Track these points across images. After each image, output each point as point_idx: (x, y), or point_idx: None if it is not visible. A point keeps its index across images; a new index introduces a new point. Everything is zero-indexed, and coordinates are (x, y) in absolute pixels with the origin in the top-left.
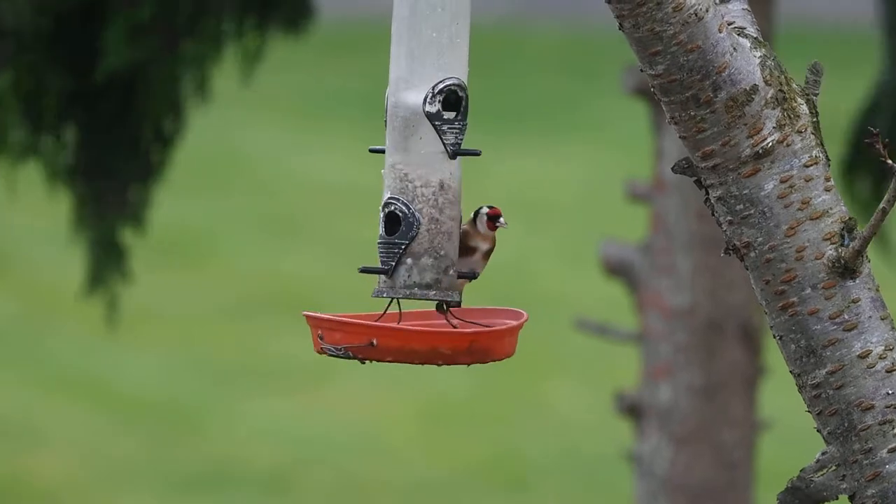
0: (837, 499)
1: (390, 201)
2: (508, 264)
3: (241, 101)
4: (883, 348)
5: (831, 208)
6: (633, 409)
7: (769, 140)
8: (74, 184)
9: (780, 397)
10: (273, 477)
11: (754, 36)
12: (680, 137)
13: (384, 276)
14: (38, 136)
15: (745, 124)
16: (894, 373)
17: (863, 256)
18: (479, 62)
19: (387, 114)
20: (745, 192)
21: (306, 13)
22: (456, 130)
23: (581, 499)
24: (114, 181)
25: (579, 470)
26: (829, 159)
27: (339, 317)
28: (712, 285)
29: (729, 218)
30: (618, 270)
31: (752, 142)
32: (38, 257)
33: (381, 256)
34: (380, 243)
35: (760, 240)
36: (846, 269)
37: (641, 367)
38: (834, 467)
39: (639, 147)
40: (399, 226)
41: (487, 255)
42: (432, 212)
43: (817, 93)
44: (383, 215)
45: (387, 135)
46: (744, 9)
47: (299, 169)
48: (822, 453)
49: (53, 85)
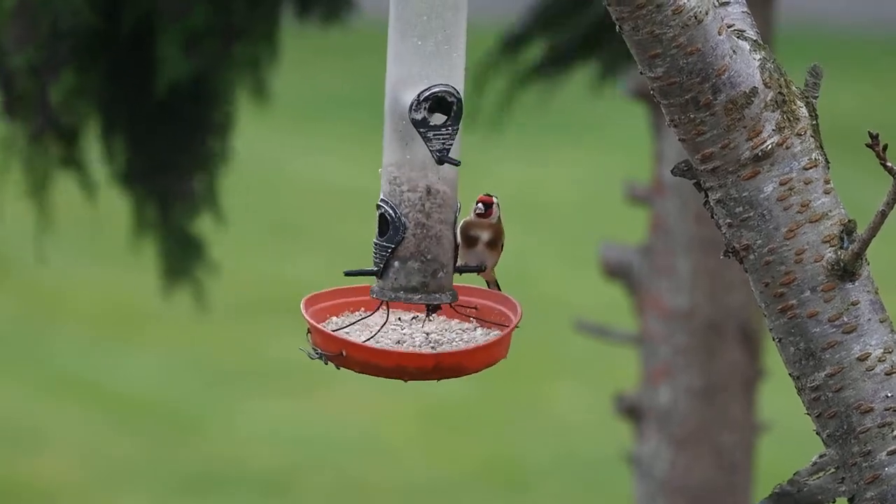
0: (835, 502)
1: (380, 204)
2: (507, 266)
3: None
4: (882, 351)
5: (831, 211)
6: (632, 411)
7: (769, 143)
8: (130, 187)
9: (780, 399)
10: (273, 478)
11: (754, 38)
12: (679, 140)
13: (378, 277)
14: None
15: (745, 127)
16: (893, 375)
17: (862, 259)
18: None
19: (385, 112)
20: (744, 194)
21: (346, 5)
22: (444, 137)
23: (581, 501)
24: (173, 176)
25: (579, 472)
26: (828, 162)
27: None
28: (712, 287)
29: (728, 220)
30: (617, 272)
31: (752, 144)
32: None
33: (374, 257)
34: (374, 243)
35: (760, 242)
36: (845, 272)
37: (641, 369)
38: (832, 470)
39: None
40: (388, 229)
41: (492, 244)
42: (419, 216)
43: (817, 95)
44: (377, 216)
45: (383, 134)
46: (743, 11)
47: (300, 171)
48: (820, 456)
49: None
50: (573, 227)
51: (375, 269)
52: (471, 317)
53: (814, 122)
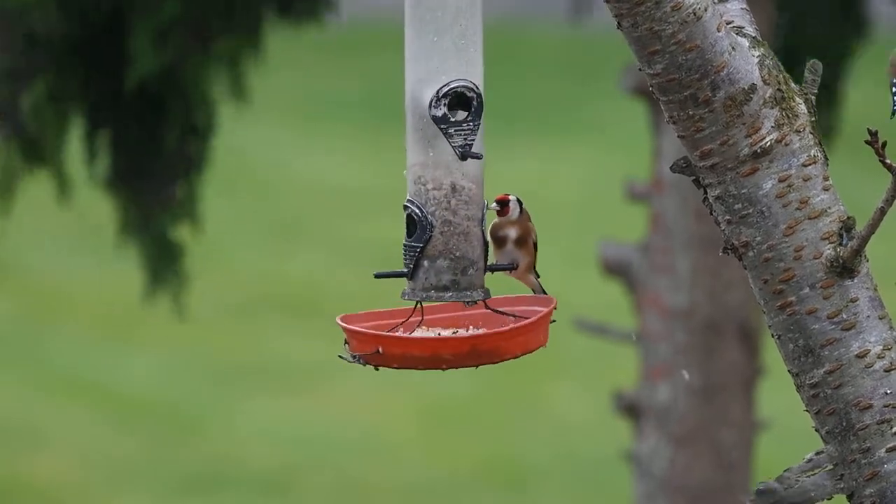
0: (831, 498)
1: (407, 204)
2: None
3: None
4: (881, 348)
5: (829, 207)
6: (631, 409)
7: (767, 139)
8: (114, 189)
9: (779, 397)
10: (273, 478)
11: (753, 35)
12: (678, 137)
13: (408, 278)
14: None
15: (744, 123)
16: (892, 372)
17: (861, 256)
18: None
19: (406, 112)
20: (743, 191)
21: (326, 4)
22: (466, 132)
23: (580, 499)
24: (155, 181)
25: (578, 471)
26: (827, 158)
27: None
28: (711, 285)
29: (727, 217)
30: (616, 271)
31: (751, 141)
32: (37, 259)
33: (404, 258)
34: (403, 245)
35: (759, 239)
36: (844, 269)
37: (640, 367)
38: (829, 467)
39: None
40: (415, 228)
41: (522, 242)
42: (445, 214)
43: (815, 92)
44: (404, 217)
45: (406, 135)
46: (742, 8)
47: (301, 170)
48: (816, 453)
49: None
50: (572, 225)
51: (405, 270)
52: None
53: (812, 118)
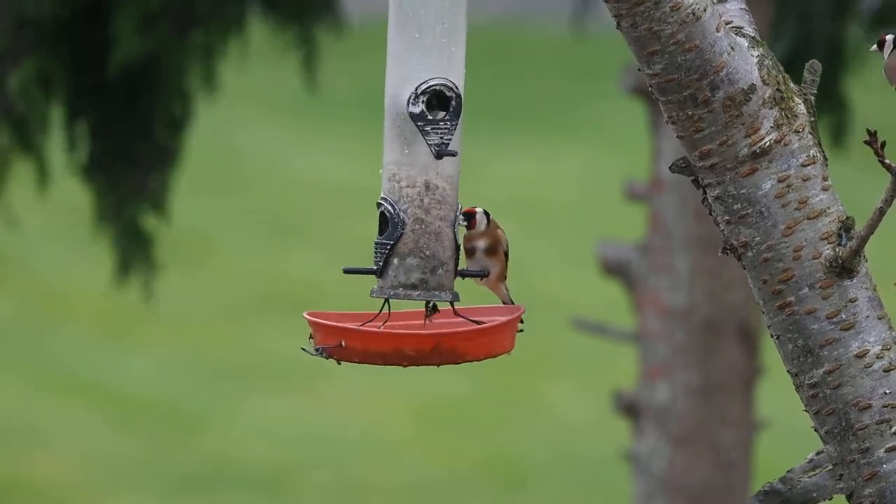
0: (831, 498)
1: (380, 202)
2: None
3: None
4: (880, 348)
5: (829, 208)
6: (630, 409)
7: (767, 139)
8: (92, 177)
9: (778, 397)
10: (272, 477)
11: (752, 35)
12: (678, 137)
13: (377, 276)
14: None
15: (743, 124)
16: (892, 372)
17: (860, 256)
18: (476, 60)
19: (385, 110)
20: (742, 191)
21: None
22: (443, 131)
23: (580, 499)
24: (131, 171)
25: (578, 470)
26: (826, 159)
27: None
28: (710, 285)
29: (726, 217)
30: (615, 270)
31: (750, 141)
32: (36, 258)
33: (374, 256)
34: (374, 243)
35: (758, 239)
36: (843, 269)
37: (639, 366)
38: (829, 467)
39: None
40: (387, 226)
41: (492, 251)
42: (417, 212)
43: (815, 92)
44: (378, 215)
45: (384, 132)
46: (741, 8)
47: (299, 169)
48: (817, 453)
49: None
50: (571, 225)
51: (375, 267)
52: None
53: (812, 119)
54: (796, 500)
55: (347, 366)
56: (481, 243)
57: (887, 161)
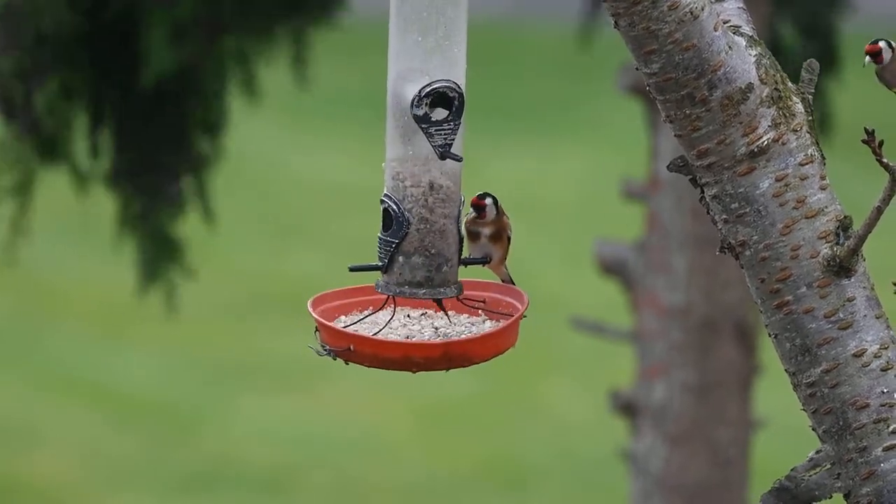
0: (831, 497)
1: (384, 199)
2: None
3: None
4: (878, 347)
5: (826, 207)
6: (627, 408)
7: (764, 138)
8: (117, 185)
9: (775, 396)
10: (271, 477)
11: (750, 34)
12: (675, 136)
13: (382, 272)
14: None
15: (741, 123)
16: (889, 371)
17: (858, 255)
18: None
19: (387, 108)
20: (740, 190)
21: (338, 4)
22: (446, 132)
23: (579, 498)
24: (161, 177)
25: (577, 470)
26: (824, 158)
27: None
28: (707, 284)
29: (724, 216)
30: (613, 269)
31: (748, 140)
32: (35, 256)
33: (378, 252)
34: (378, 238)
35: (755, 238)
36: (841, 268)
37: (636, 365)
38: (828, 466)
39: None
40: (392, 224)
41: (496, 237)
42: (422, 211)
43: (812, 91)
44: (381, 211)
45: (386, 129)
46: (739, 7)
47: (299, 168)
48: (816, 452)
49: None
50: (569, 224)
51: (380, 264)
52: (479, 310)
53: (809, 117)
54: (803, 498)
55: (346, 366)
56: (487, 230)
57: (885, 160)
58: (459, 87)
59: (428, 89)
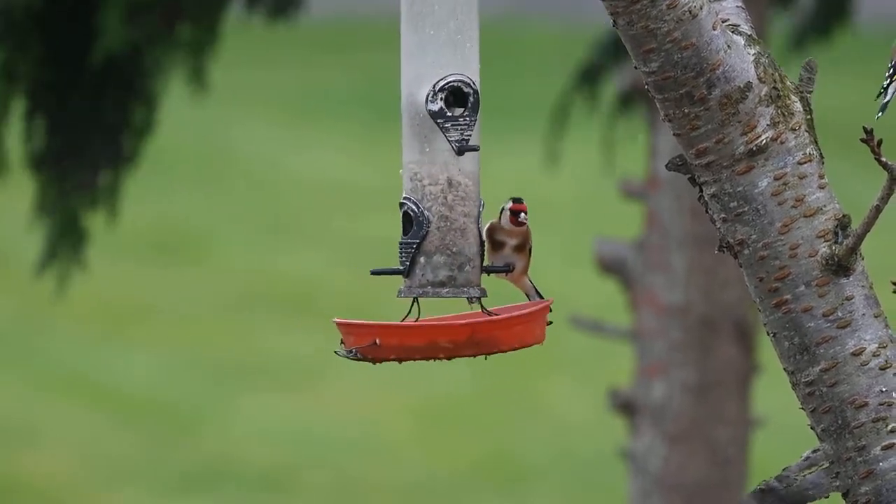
0: (827, 496)
1: (403, 201)
2: None
3: (237, 98)
4: (877, 346)
5: (825, 206)
6: (626, 407)
7: (763, 137)
8: (42, 168)
9: (774, 395)
10: (270, 475)
11: (748, 33)
12: (674, 135)
13: (404, 276)
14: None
15: (740, 122)
16: (888, 370)
17: (857, 254)
18: None
19: (402, 111)
20: (738, 189)
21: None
22: (462, 127)
23: (576, 497)
24: (83, 167)
25: (576, 468)
26: (822, 157)
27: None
28: (706, 283)
29: (723, 215)
30: (612, 268)
31: (747, 139)
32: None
33: (400, 256)
34: (399, 244)
35: (754, 237)
36: (840, 267)
37: (635, 364)
38: (825, 465)
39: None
40: (412, 225)
41: (520, 248)
42: (442, 209)
43: (811, 90)
44: (401, 215)
45: (402, 132)
46: (738, 6)
47: (295, 166)
48: (813, 451)
49: (33, 67)
50: (568, 223)
51: (402, 267)
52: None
53: (808, 116)
54: (793, 498)
55: (345, 365)
56: (512, 240)
57: (884, 159)
58: (474, 83)
59: (442, 83)
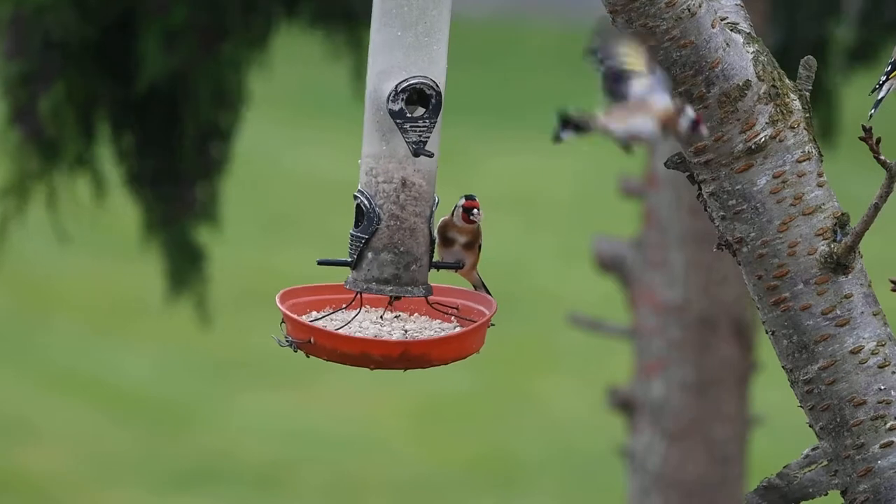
0: (826, 494)
1: (357, 194)
2: (502, 260)
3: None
4: (875, 344)
5: (824, 204)
6: (625, 405)
7: (762, 135)
8: (139, 191)
9: (773, 393)
10: (266, 472)
11: (747, 31)
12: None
13: (351, 268)
14: (92, 146)
15: (738, 120)
16: (886, 368)
17: (855, 252)
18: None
19: (365, 104)
20: (737, 187)
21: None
22: (421, 129)
23: (576, 496)
24: (178, 183)
25: (573, 466)
26: (821, 155)
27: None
28: (705, 281)
29: (721, 213)
30: (610, 266)
31: (745, 137)
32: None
33: (349, 248)
34: (350, 234)
35: (753, 235)
36: (838, 265)
37: (634, 362)
38: (825, 462)
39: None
40: (363, 219)
41: (469, 246)
42: (393, 208)
43: (810, 88)
44: (354, 207)
45: (364, 125)
46: (737, 4)
47: (292, 164)
48: (812, 449)
49: (105, 95)
50: (567, 221)
51: (349, 259)
52: (452, 316)
53: (807, 115)
54: (794, 496)
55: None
56: (462, 238)
57: (882, 157)
58: (437, 86)
59: (404, 84)
